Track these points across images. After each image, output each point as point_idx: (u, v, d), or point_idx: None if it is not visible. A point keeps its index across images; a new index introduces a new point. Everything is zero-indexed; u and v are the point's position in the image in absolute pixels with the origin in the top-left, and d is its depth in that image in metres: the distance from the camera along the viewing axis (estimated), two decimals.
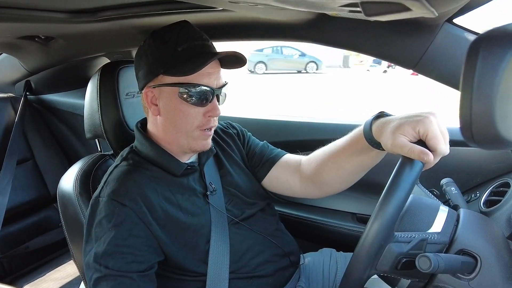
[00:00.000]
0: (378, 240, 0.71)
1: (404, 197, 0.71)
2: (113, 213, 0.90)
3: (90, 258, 0.89)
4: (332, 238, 1.52)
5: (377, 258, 0.72)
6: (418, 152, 0.74)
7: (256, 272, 1.04)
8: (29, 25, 1.39)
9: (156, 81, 0.97)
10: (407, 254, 0.72)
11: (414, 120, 0.77)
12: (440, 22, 0.94)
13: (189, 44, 0.94)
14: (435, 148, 0.75)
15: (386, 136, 0.81)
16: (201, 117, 0.97)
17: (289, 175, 1.15)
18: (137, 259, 0.89)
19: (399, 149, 0.77)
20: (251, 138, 1.25)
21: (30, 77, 2.10)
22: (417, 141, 0.77)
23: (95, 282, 0.88)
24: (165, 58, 0.94)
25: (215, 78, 0.97)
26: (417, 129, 0.76)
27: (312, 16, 1.08)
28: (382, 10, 0.72)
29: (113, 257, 0.87)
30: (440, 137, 0.75)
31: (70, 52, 1.78)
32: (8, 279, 1.82)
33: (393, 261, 0.72)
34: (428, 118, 0.76)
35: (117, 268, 0.87)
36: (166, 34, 0.97)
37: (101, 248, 0.88)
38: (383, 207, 0.71)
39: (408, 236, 0.74)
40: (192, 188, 1.04)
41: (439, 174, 0.98)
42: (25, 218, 2.04)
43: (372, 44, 1.08)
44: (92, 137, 1.26)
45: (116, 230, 0.89)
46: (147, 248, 0.91)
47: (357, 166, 0.99)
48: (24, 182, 2.04)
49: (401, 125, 0.78)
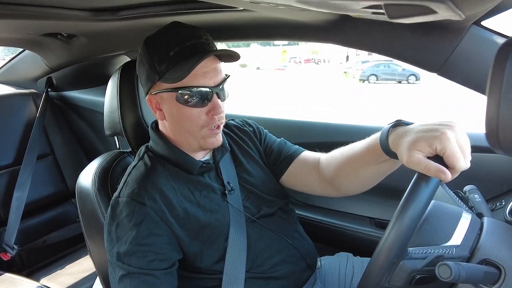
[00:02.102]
0: (390, 258, 0.70)
1: (418, 215, 0.70)
2: (133, 213, 0.91)
3: (113, 257, 0.91)
4: (349, 243, 1.50)
5: (389, 275, 0.71)
6: (435, 171, 0.71)
7: (272, 272, 1.03)
8: (51, 23, 1.42)
9: (155, 88, 0.98)
10: (422, 270, 0.70)
11: (431, 136, 0.73)
12: (467, 24, 0.92)
13: (180, 46, 0.93)
14: (453, 165, 0.72)
15: (402, 151, 0.78)
16: (205, 117, 0.97)
17: (307, 173, 1.13)
18: (158, 257, 0.90)
19: (415, 166, 0.74)
20: (268, 135, 1.24)
21: (52, 73, 2.14)
22: (434, 156, 0.73)
23: (120, 280, 0.90)
24: (159, 64, 0.94)
25: (211, 76, 0.95)
26: (433, 146, 0.72)
27: (334, 17, 1.07)
28: (407, 13, 0.70)
29: (135, 256, 0.89)
30: (458, 154, 0.71)
31: (91, 49, 1.81)
32: (25, 272, 1.85)
33: (406, 277, 0.70)
34: (445, 134, 0.72)
35: (140, 266, 0.88)
36: (158, 39, 0.96)
37: (123, 247, 0.90)
38: (396, 224, 0.69)
39: (423, 252, 0.72)
40: (209, 185, 1.04)
41: (461, 181, 0.95)
42: (43, 212, 2.08)
43: (394, 47, 1.05)
44: (111, 134, 1.28)
45: (137, 229, 0.90)
46: (168, 246, 0.92)
47: (375, 173, 0.97)
48: (44, 177, 2.07)
49: (417, 141, 0.74)
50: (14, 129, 2.03)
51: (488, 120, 0.59)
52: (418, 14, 0.68)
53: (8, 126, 2.01)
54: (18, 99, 2.10)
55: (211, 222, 0.98)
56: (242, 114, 1.77)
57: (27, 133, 2.02)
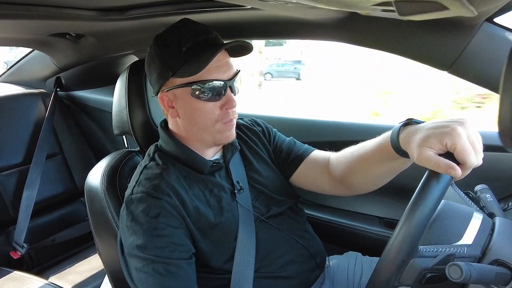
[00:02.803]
0: (401, 256, 0.69)
1: (429, 212, 0.69)
2: (149, 206, 0.91)
3: (133, 249, 0.90)
4: (358, 242, 1.49)
5: (399, 273, 0.70)
6: (445, 167, 0.70)
7: (281, 272, 1.02)
8: (60, 23, 1.43)
9: (168, 85, 0.98)
10: (433, 269, 0.70)
11: (441, 132, 0.72)
12: (479, 21, 0.90)
13: (192, 42, 0.94)
14: (464, 161, 0.71)
15: (412, 149, 0.77)
16: (219, 111, 0.97)
17: (317, 172, 1.13)
18: (178, 248, 0.90)
19: (425, 163, 0.73)
20: (277, 134, 1.23)
21: (61, 73, 2.15)
22: (445, 153, 0.73)
23: (142, 269, 0.88)
24: (171, 60, 0.94)
25: (224, 70, 0.96)
26: (444, 142, 0.72)
27: (343, 15, 1.06)
28: (418, 9, 0.69)
29: (155, 246, 0.88)
30: (469, 150, 0.71)
31: (100, 49, 1.81)
32: (35, 270, 1.87)
33: (416, 276, 0.70)
34: (456, 130, 0.71)
35: (161, 256, 0.88)
36: (168, 36, 0.96)
37: (142, 240, 0.89)
38: (406, 222, 0.68)
39: (434, 251, 0.71)
40: (219, 185, 1.04)
41: (473, 181, 0.94)
42: (52, 211, 2.09)
43: (404, 45, 1.04)
44: (120, 133, 1.28)
45: (154, 222, 0.90)
46: (185, 238, 0.92)
47: (385, 172, 0.97)
48: (53, 176, 2.09)
49: (427, 138, 0.74)
50: (24, 128, 2.04)
51: (501, 118, 0.58)
52: (429, 11, 0.67)
53: (17, 126, 2.03)
54: (27, 99, 2.12)
55: (221, 222, 0.98)
56: (250, 113, 1.77)
57: (37, 133, 2.03)
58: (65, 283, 1.67)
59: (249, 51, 1.00)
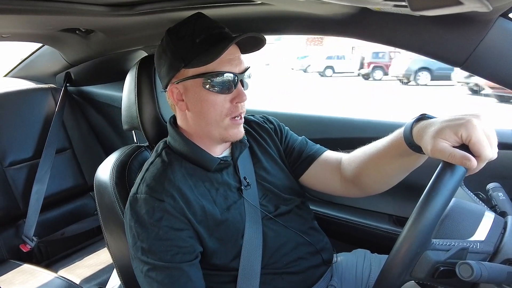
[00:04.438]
0: (414, 247, 0.67)
1: (443, 203, 0.68)
2: (153, 209, 0.91)
3: (137, 252, 0.92)
4: (366, 239, 1.48)
5: (412, 265, 0.69)
6: (460, 158, 0.69)
7: (288, 268, 1.02)
8: (70, 18, 1.43)
9: (178, 76, 0.98)
10: (445, 262, 0.69)
11: (456, 123, 0.72)
12: (494, 16, 0.88)
13: (206, 34, 0.94)
14: (479, 153, 0.70)
15: (426, 141, 0.76)
16: (229, 105, 0.97)
17: (329, 173, 1.12)
18: (182, 251, 0.91)
19: (439, 154, 0.72)
20: (289, 133, 1.22)
21: (70, 69, 2.16)
22: (460, 145, 0.72)
23: (145, 274, 0.91)
24: (184, 51, 0.95)
25: (236, 64, 0.96)
26: (459, 134, 0.71)
27: (354, 10, 1.04)
28: (430, 4, 0.68)
29: (158, 250, 0.90)
30: (485, 141, 0.70)
31: (109, 45, 1.82)
32: (44, 263, 1.89)
33: (429, 269, 0.69)
34: (471, 121, 0.70)
35: (164, 260, 0.89)
36: (181, 29, 0.97)
37: (146, 243, 0.90)
38: (421, 212, 0.67)
39: (447, 244, 0.70)
40: (226, 183, 1.03)
41: (485, 179, 0.92)
42: (62, 205, 2.11)
43: (416, 41, 1.03)
44: (129, 128, 1.28)
45: (157, 225, 0.90)
46: (190, 239, 0.93)
47: (398, 169, 0.96)
48: (62, 170, 2.10)
49: (442, 129, 0.73)
50: (34, 123, 2.06)
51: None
52: (443, 5, 0.66)
53: (27, 120, 2.05)
54: (37, 94, 2.14)
55: (227, 220, 0.98)
56: (262, 109, 1.76)
57: (46, 127, 2.05)
58: (74, 277, 1.69)
59: (261, 45, 1.00)
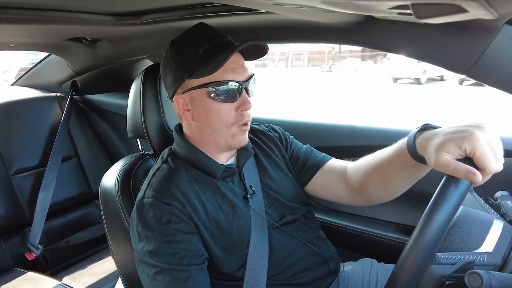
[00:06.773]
0: (418, 262, 0.67)
1: (447, 218, 0.67)
2: (160, 212, 0.91)
3: (145, 256, 0.91)
4: (373, 248, 1.47)
5: (416, 280, 0.68)
6: (464, 172, 0.68)
7: (295, 279, 1.01)
8: (76, 27, 1.45)
9: (183, 87, 0.99)
10: (451, 276, 0.67)
11: (460, 136, 0.70)
12: (499, 24, 0.88)
13: (208, 44, 0.95)
14: (484, 167, 0.68)
15: (430, 154, 0.75)
16: (234, 113, 0.97)
17: (334, 182, 1.12)
18: (189, 254, 0.90)
19: (443, 168, 0.71)
20: (294, 142, 1.22)
21: (77, 77, 2.18)
22: (464, 158, 0.70)
23: (152, 278, 0.90)
24: (187, 62, 0.96)
25: (240, 72, 0.96)
26: (463, 147, 0.69)
27: (358, 18, 1.04)
28: (435, 12, 0.67)
29: (166, 253, 0.89)
30: (489, 155, 0.68)
31: (115, 54, 1.83)
32: (49, 271, 1.89)
33: (434, 284, 0.67)
34: (475, 134, 0.69)
35: (171, 263, 0.89)
36: (184, 40, 0.98)
37: (153, 246, 0.90)
38: (424, 228, 0.66)
39: (453, 258, 0.69)
40: (232, 190, 1.03)
41: (493, 187, 0.92)
42: (67, 213, 2.12)
43: (421, 48, 1.02)
44: (134, 137, 1.29)
45: (165, 228, 0.90)
46: (197, 243, 0.92)
47: (404, 179, 0.95)
48: (68, 178, 2.12)
49: (445, 143, 0.72)
50: (40, 131, 2.08)
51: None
52: (448, 13, 0.66)
53: (34, 129, 2.06)
54: (44, 102, 2.16)
55: (233, 228, 0.97)
56: (266, 117, 1.77)
57: (53, 136, 2.07)
58: (78, 285, 1.69)
59: (264, 53, 1.01)
